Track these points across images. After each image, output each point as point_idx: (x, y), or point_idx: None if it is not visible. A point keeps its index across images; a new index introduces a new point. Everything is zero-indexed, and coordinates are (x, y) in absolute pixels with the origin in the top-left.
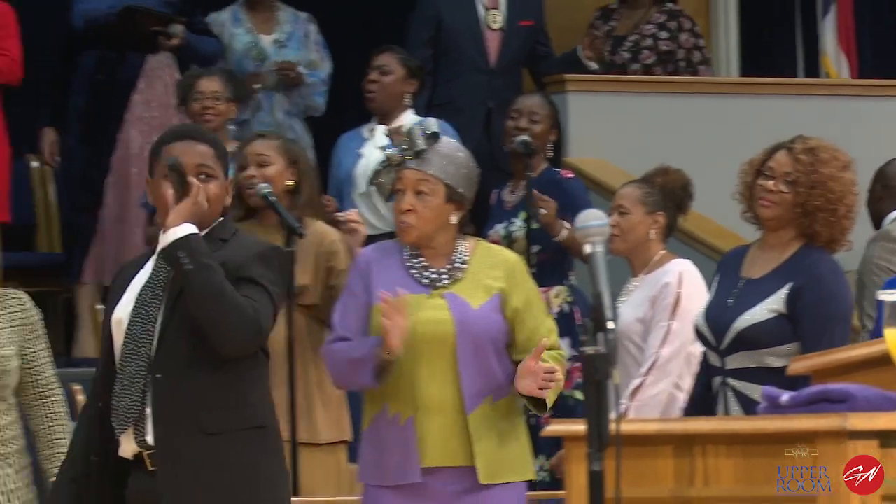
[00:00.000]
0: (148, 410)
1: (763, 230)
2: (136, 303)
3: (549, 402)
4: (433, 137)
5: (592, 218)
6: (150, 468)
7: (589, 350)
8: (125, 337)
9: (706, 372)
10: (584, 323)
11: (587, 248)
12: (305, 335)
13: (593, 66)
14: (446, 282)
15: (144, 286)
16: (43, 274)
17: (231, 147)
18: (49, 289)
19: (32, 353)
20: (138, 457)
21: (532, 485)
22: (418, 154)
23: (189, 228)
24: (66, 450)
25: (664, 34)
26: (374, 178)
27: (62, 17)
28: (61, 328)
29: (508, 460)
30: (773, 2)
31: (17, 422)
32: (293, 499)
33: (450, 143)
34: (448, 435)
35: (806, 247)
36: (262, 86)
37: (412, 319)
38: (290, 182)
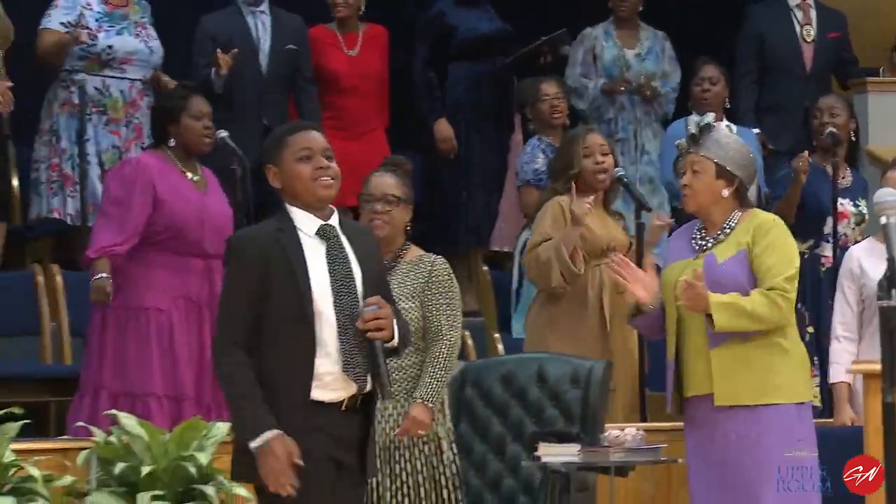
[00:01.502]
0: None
1: None
2: (331, 276)
3: (717, 322)
4: (706, 128)
5: (887, 195)
6: (346, 408)
7: (884, 303)
8: (336, 300)
9: None
10: (880, 281)
11: (882, 220)
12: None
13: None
14: (710, 245)
15: (332, 263)
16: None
17: None
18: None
19: (430, 305)
20: (337, 402)
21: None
22: (693, 140)
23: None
24: (433, 379)
25: None
26: (674, 165)
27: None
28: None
29: (748, 386)
30: None
31: (420, 363)
32: (645, 423)
33: (723, 131)
34: (699, 368)
35: None
36: (624, 89)
37: (680, 276)
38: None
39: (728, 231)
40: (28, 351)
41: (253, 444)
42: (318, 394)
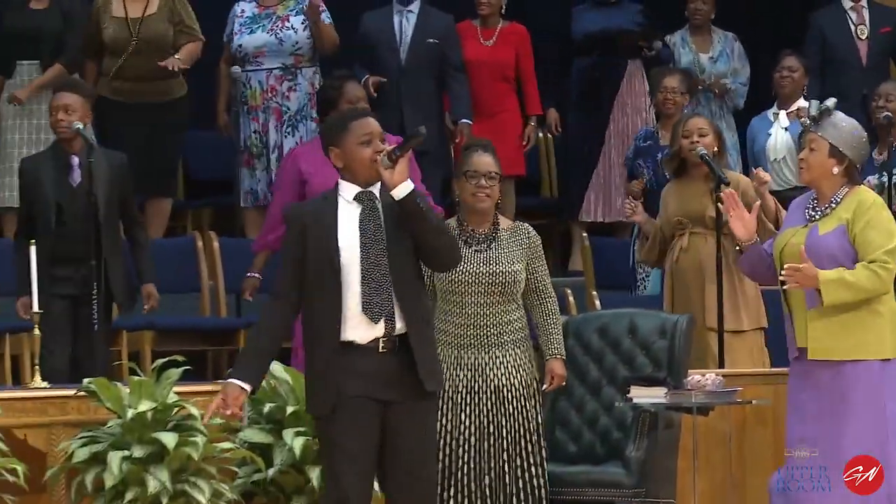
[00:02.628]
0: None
1: None
2: (361, 228)
3: (826, 298)
4: (826, 111)
5: None
6: (381, 350)
7: None
8: (363, 252)
9: None
10: None
11: None
12: (728, 252)
13: None
14: (818, 217)
15: (363, 217)
16: (545, 213)
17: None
18: (549, 222)
19: (534, 267)
20: (371, 343)
21: None
22: (814, 120)
23: (410, 184)
24: (558, 335)
25: None
26: (800, 138)
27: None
28: (558, 251)
29: (844, 342)
30: None
31: (522, 317)
32: (724, 369)
33: (840, 115)
34: (802, 325)
35: None
36: (701, 88)
37: (788, 243)
38: (716, 147)
39: (834, 205)
40: (189, 307)
41: (222, 381)
42: (349, 334)
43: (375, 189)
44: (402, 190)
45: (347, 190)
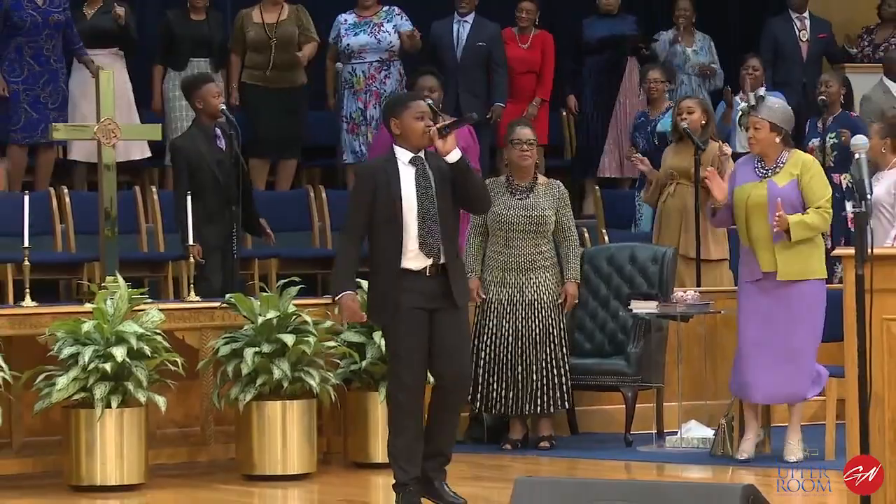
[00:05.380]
0: (440, 244)
1: None
2: (417, 185)
3: (794, 235)
4: (761, 98)
5: (860, 139)
6: (428, 275)
7: (857, 210)
8: (419, 203)
9: None
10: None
11: (856, 156)
12: (704, 201)
13: None
14: (770, 174)
15: (417, 177)
16: (567, 172)
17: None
18: (569, 178)
19: (561, 213)
20: (422, 270)
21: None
22: (752, 107)
23: (458, 151)
24: (576, 264)
25: None
26: (741, 121)
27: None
28: (576, 199)
29: (800, 267)
30: None
31: (552, 250)
32: (700, 287)
33: (772, 99)
34: (764, 255)
35: None
36: (690, 73)
37: (751, 194)
38: (704, 121)
39: (781, 165)
40: (304, 241)
41: (336, 297)
42: (406, 264)
43: (422, 155)
44: (454, 156)
45: (403, 154)
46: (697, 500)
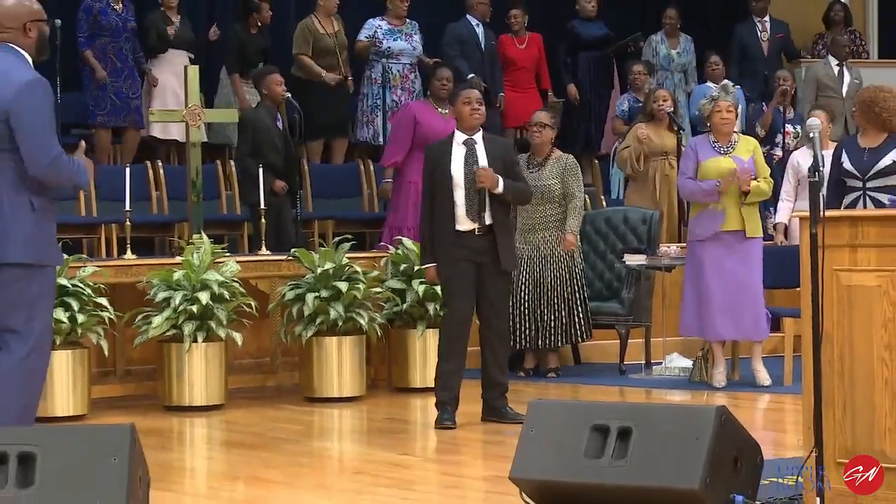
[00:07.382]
0: (486, 209)
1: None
2: (465, 162)
3: (750, 198)
4: (724, 87)
5: (814, 121)
6: (477, 234)
7: (811, 180)
8: (466, 178)
9: (843, 191)
10: (809, 167)
11: (810, 135)
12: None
13: None
14: (730, 150)
15: (466, 156)
16: (567, 150)
17: None
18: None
19: (567, 181)
20: (471, 230)
21: None
22: (726, 91)
23: (501, 184)
24: (576, 222)
25: None
26: (700, 107)
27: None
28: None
29: (755, 225)
30: None
31: (563, 212)
32: (681, 243)
33: (732, 89)
34: (736, 215)
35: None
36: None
37: (722, 166)
38: (672, 109)
39: (735, 143)
40: (354, 205)
41: (424, 266)
42: (458, 226)
43: (477, 136)
44: (498, 189)
45: (459, 136)
46: (679, 418)
